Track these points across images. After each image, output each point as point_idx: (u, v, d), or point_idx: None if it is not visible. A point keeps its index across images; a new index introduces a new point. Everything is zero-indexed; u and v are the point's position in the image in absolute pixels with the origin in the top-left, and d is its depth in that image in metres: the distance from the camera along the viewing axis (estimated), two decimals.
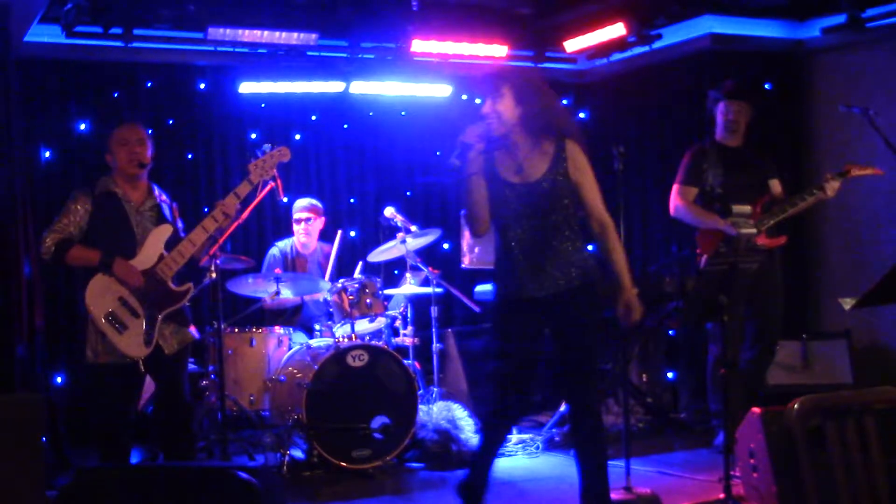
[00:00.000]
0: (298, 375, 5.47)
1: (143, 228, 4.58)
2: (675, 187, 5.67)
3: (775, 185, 5.69)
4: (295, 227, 6.42)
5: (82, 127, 6.57)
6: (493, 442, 3.96)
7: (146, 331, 4.43)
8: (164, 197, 4.78)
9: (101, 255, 4.44)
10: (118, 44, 6.08)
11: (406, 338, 6.10)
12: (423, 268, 6.08)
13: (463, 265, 6.87)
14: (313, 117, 7.35)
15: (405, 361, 5.65)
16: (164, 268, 4.49)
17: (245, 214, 5.84)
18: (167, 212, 4.73)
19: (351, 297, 5.65)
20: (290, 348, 5.94)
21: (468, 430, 5.71)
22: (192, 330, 4.69)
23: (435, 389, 6.01)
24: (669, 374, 6.96)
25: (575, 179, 3.84)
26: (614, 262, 3.90)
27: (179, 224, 4.83)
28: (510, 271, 3.82)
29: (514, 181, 3.78)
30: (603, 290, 3.83)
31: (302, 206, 6.42)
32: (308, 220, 6.39)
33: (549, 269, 3.77)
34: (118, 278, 4.42)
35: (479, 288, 6.61)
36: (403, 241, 6.00)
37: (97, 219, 4.54)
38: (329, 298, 5.80)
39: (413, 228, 6.05)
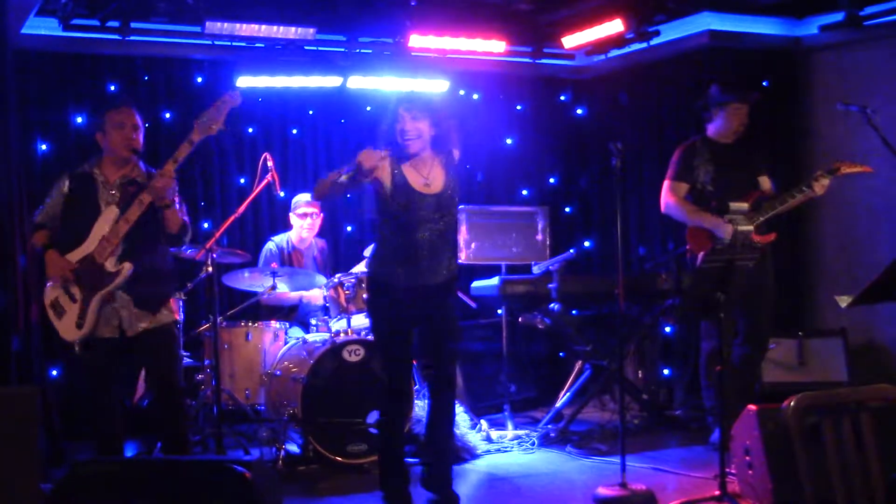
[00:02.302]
0: (294, 370, 5.46)
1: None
2: (665, 183, 5.67)
3: (764, 182, 5.69)
4: (297, 222, 6.39)
5: (79, 120, 6.56)
6: (402, 415, 4.68)
7: (79, 314, 4.47)
8: (143, 178, 4.52)
9: (42, 246, 4.54)
10: (115, 37, 6.06)
11: None
12: None
13: (459, 260, 6.83)
14: (310, 112, 7.33)
15: None
16: (99, 250, 4.46)
17: (242, 208, 5.85)
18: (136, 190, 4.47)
19: (347, 292, 5.64)
20: (285, 343, 5.94)
21: (464, 425, 5.72)
22: (169, 313, 4.60)
23: None
24: (665, 371, 6.97)
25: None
26: None
27: (178, 204, 4.57)
28: (409, 263, 4.32)
29: (424, 192, 4.33)
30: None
31: (306, 200, 6.39)
32: (312, 215, 6.38)
33: (441, 262, 4.39)
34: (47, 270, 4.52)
35: (476, 283, 6.60)
36: None
37: (70, 200, 4.56)
38: (326, 294, 5.80)
39: None
